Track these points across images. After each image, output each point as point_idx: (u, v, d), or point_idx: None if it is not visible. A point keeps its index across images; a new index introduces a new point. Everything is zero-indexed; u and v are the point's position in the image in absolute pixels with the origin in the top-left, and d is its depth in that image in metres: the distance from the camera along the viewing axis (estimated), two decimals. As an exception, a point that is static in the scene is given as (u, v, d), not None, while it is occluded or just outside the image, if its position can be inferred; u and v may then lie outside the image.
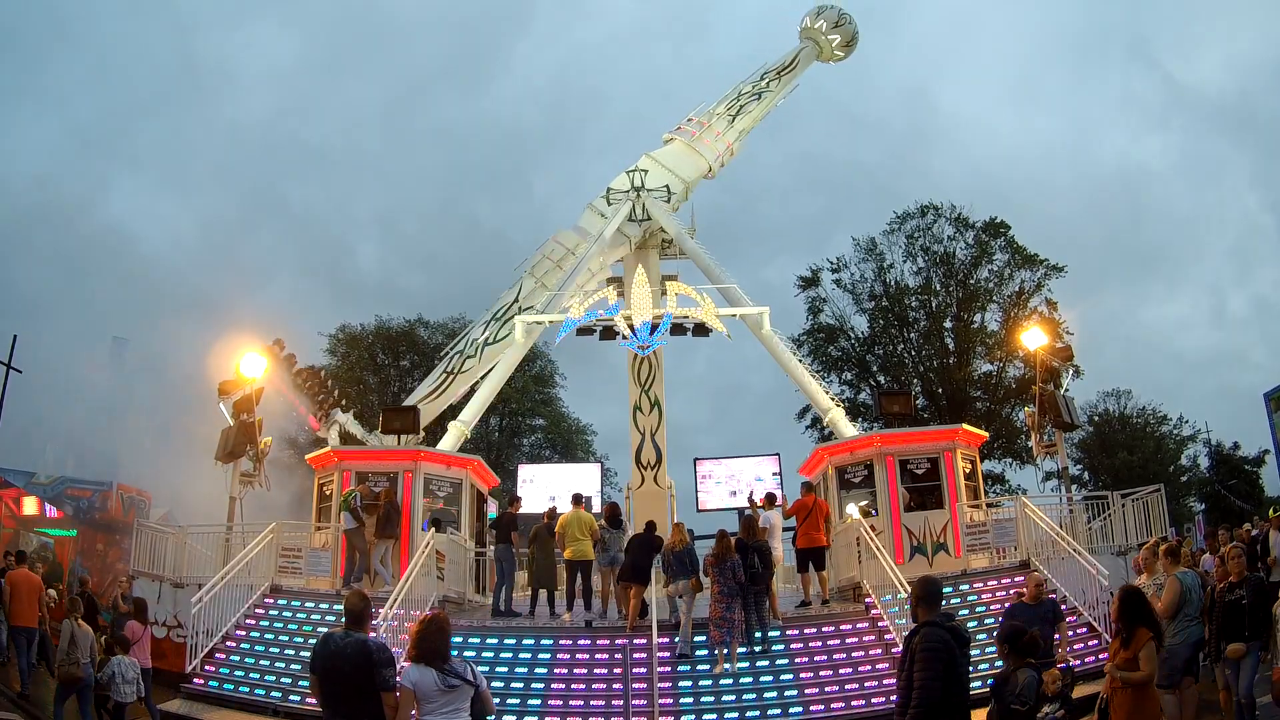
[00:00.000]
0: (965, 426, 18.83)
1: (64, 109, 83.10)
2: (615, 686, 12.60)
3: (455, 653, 5.91)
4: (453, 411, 24.69)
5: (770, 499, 17.55)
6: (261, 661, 13.77)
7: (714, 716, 12.09)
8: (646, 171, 25.83)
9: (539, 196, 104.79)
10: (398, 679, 5.76)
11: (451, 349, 25.04)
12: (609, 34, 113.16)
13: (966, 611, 14.28)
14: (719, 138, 27.26)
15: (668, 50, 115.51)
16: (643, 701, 12.08)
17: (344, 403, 24.68)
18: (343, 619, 6.17)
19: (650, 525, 15.57)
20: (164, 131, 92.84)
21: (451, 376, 24.23)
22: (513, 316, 23.83)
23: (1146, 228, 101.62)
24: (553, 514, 16.47)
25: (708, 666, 13.04)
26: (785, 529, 17.25)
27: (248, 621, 14.92)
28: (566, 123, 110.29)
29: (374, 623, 13.10)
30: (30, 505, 26.82)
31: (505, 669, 13.30)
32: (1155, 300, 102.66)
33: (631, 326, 20.55)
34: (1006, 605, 12.29)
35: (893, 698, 9.14)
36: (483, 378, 23.67)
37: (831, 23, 30.10)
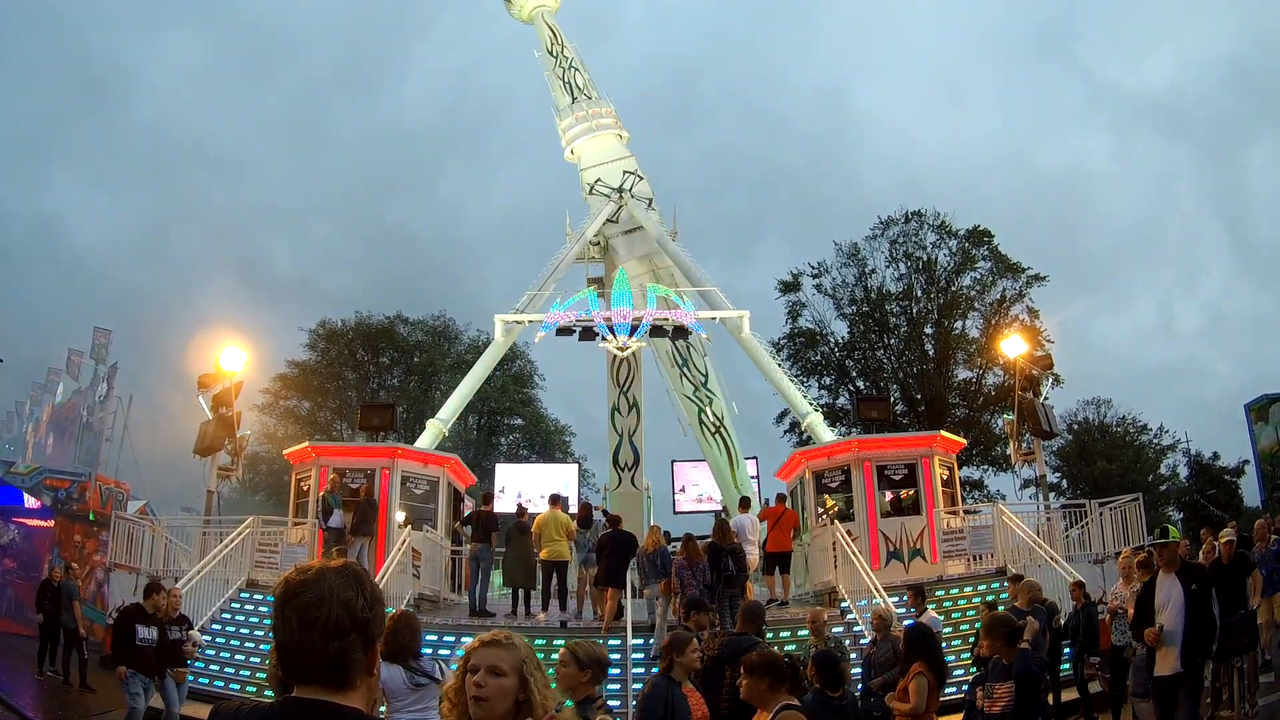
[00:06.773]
0: (943, 433, 18.96)
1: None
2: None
3: (430, 651, 5.93)
4: (434, 411, 24.57)
5: (745, 503, 17.59)
6: (237, 656, 13.75)
7: (687, 718, 12.11)
8: (599, 179, 25.95)
9: (444, 197, 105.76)
10: None
11: None
12: (511, 36, 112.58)
13: (942, 618, 14.34)
14: (604, 111, 27.76)
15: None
16: (617, 703, 12.12)
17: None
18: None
19: (616, 521, 15.00)
20: (84, 136, 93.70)
21: None
22: None
23: (1089, 237, 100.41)
24: (522, 511, 16.43)
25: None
26: (764, 532, 17.35)
27: (223, 615, 14.89)
28: (469, 125, 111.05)
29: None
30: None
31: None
32: (1107, 311, 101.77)
33: (611, 327, 20.55)
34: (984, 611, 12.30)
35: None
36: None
37: None
